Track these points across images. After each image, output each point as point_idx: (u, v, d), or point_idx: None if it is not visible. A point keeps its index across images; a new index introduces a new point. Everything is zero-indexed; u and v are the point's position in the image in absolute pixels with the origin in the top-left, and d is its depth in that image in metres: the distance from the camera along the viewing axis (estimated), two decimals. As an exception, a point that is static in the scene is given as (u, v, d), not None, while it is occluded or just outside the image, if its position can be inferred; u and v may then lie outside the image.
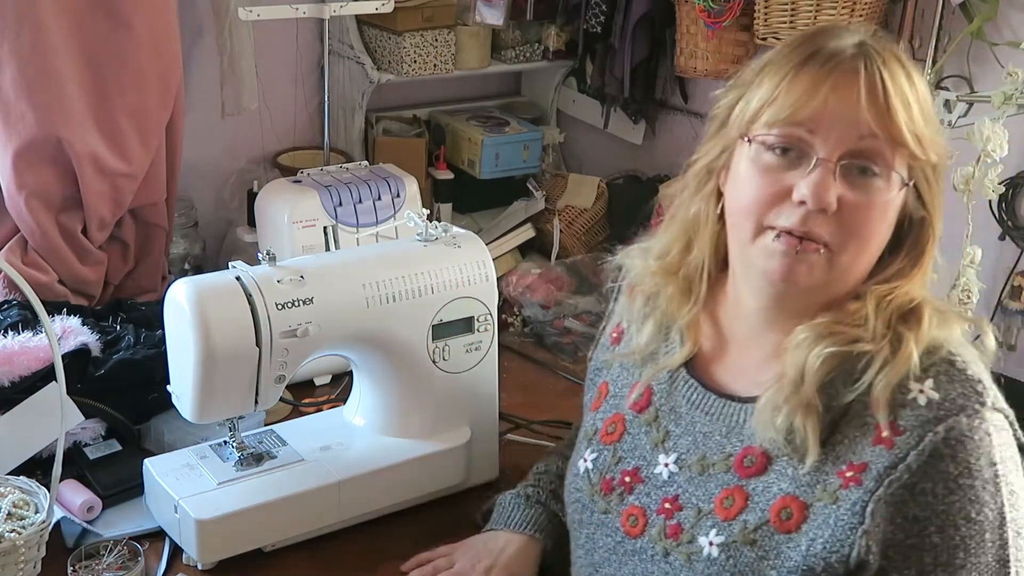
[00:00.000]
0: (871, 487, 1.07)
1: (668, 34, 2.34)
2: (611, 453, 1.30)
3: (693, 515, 1.18)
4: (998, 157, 1.67)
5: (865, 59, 1.10)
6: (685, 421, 1.23)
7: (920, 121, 1.10)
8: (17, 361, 1.58)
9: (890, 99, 1.09)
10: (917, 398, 1.08)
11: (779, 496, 1.13)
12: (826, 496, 1.10)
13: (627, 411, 1.30)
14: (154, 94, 1.94)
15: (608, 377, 1.36)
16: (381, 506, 1.55)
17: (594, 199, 2.45)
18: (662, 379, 1.27)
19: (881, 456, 1.07)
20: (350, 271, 1.50)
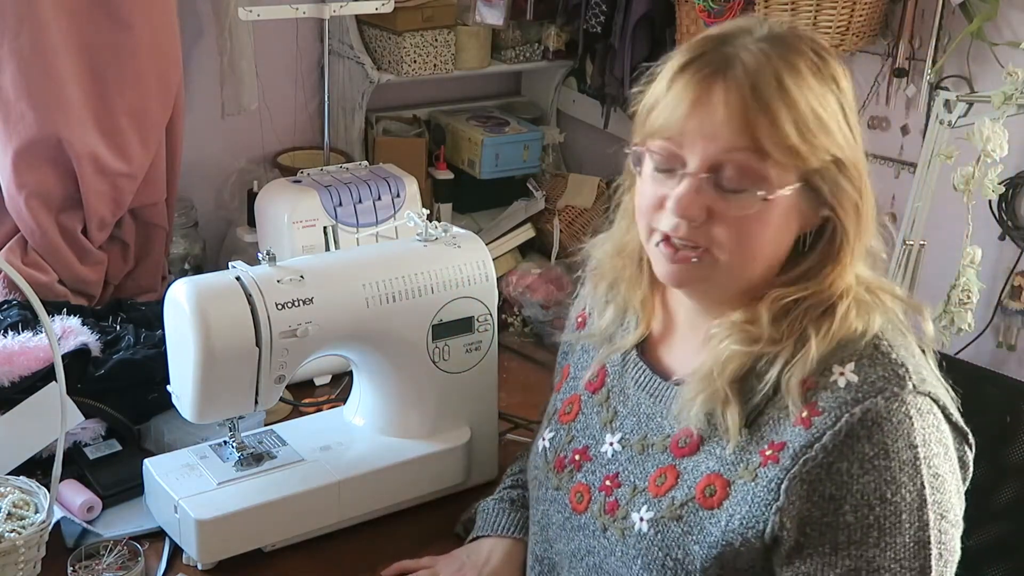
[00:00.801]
0: (787, 465, 1.09)
1: (668, 34, 2.34)
2: (566, 432, 1.34)
3: (629, 492, 1.22)
4: (998, 157, 1.67)
5: (726, 74, 1.09)
6: (632, 402, 1.27)
7: (788, 129, 1.08)
8: (17, 361, 1.58)
9: (749, 115, 1.08)
10: (837, 380, 1.10)
11: (706, 474, 1.16)
12: (747, 474, 1.12)
13: (583, 391, 1.34)
14: (154, 94, 1.94)
15: (571, 360, 1.40)
16: (381, 506, 1.56)
17: (594, 199, 2.45)
18: (616, 361, 1.31)
19: (799, 436, 1.09)
20: (350, 271, 1.50)
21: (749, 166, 1.09)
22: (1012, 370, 1.95)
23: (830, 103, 1.11)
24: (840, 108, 1.12)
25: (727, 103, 1.08)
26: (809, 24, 1.97)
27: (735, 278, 1.15)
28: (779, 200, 1.10)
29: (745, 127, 1.08)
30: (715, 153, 1.09)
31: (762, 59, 1.09)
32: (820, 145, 1.09)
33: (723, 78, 1.09)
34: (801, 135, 1.08)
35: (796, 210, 1.12)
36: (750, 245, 1.12)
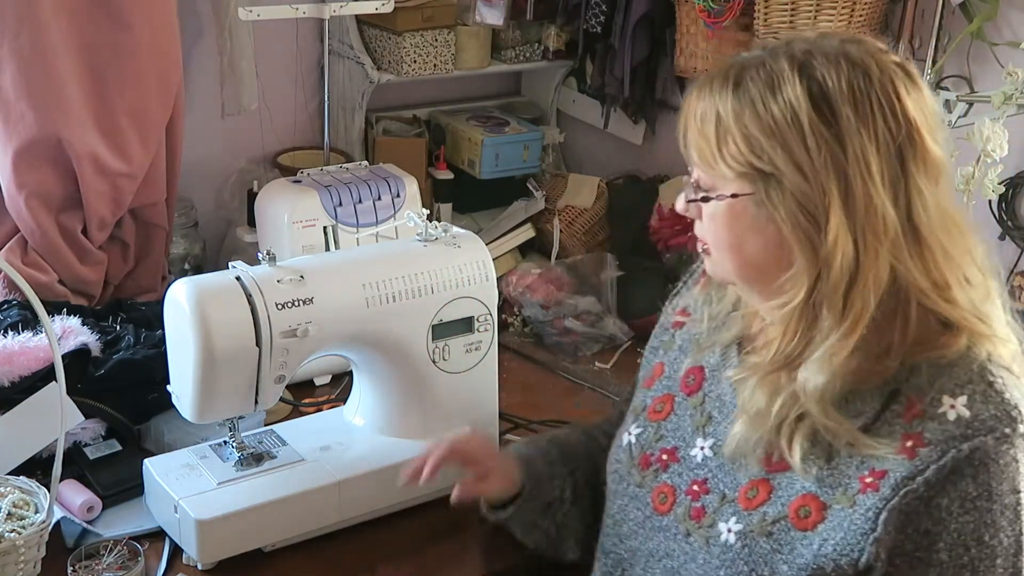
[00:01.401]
0: (887, 495, 1.07)
1: (668, 34, 2.34)
2: (654, 430, 1.32)
3: (717, 500, 1.20)
4: (998, 157, 1.67)
5: (701, 84, 1.16)
6: (728, 409, 1.25)
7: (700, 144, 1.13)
8: (17, 361, 1.58)
9: (688, 121, 1.15)
10: (947, 413, 1.07)
11: (800, 493, 1.13)
12: (845, 499, 1.10)
13: (678, 392, 1.32)
14: (154, 94, 1.94)
15: (665, 359, 1.38)
16: (381, 506, 1.55)
17: (594, 199, 2.45)
18: (714, 364, 1.29)
19: (901, 465, 1.07)
20: (350, 271, 1.50)
21: (697, 173, 1.17)
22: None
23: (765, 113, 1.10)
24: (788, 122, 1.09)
25: (686, 114, 1.19)
26: (809, 24, 1.97)
27: (738, 276, 1.19)
28: (729, 206, 1.14)
29: (684, 136, 1.18)
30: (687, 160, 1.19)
31: (734, 70, 1.15)
32: (728, 154, 1.12)
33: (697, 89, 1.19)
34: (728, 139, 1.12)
35: (753, 218, 1.13)
36: (722, 242, 1.17)
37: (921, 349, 1.11)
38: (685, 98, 1.17)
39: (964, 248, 1.13)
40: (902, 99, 1.09)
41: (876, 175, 1.07)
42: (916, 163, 1.09)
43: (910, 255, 1.09)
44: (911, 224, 1.09)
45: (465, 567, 1.51)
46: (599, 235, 2.45)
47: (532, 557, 1.53)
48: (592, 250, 2.39)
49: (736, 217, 1.14)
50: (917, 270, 1.09)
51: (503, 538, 1.57)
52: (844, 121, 1.07)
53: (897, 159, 1.08)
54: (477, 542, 1.56)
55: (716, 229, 1.17)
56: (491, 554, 1.55)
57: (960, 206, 1.50)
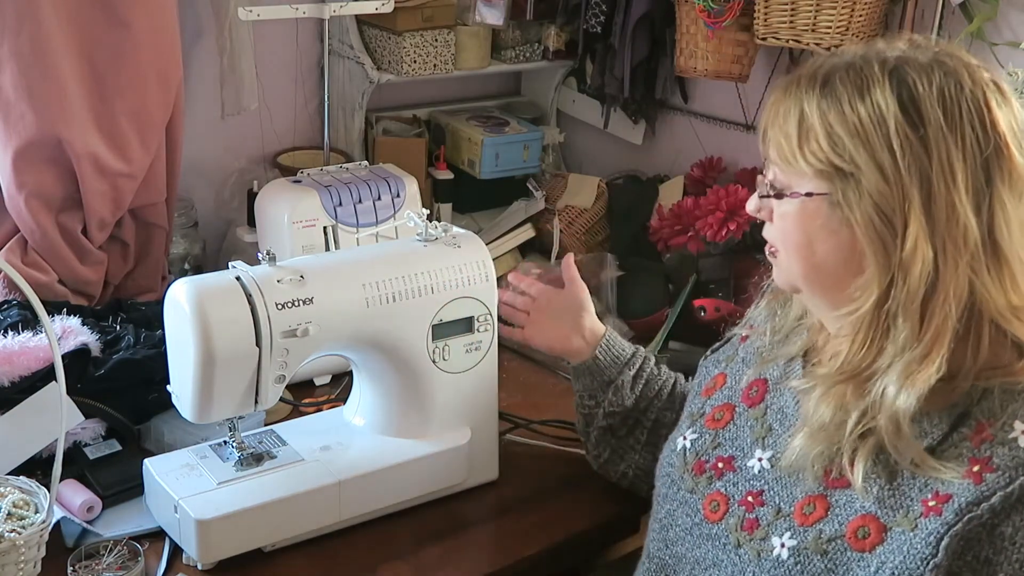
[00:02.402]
0: (950, 520, 1.05)
1: (668, 34, 2.34)
2: (711, 437, 1.31)
3: (772, 513, 1.19)
4: (998, 157, 1.67)
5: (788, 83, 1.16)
6: (790, 422, 1.23)
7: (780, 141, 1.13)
8: (17, 361, 1.58)
9: (770, 118, 1.15)
10: (1019, 439, 1.05)
11: (860, 513, 1.11)
12: (906, 522, 1.08)
13: (739, 403, 1.31)
14: (154, 94, 1.94)
15: (728, 370, 1.38)
16: (381, 506, 1.55)
17: (594, 199, 2.45)
18: (778, 376, 1.28)
19: (967, 490, 1.05)
20: (350, 271, 1.50)
21: (771, 174, 1.18)
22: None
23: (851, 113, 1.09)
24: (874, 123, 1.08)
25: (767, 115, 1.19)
26: (809, 24, 1.97)
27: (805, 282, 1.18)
28: (804, 207, 1.13)
29: (763, 137, 1.18)
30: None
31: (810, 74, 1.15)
32: (809, 151, 1.11)
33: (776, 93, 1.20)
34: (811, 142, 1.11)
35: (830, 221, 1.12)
36: (790, 244, 1.17)
37: (994, 373, 1.09)
38: (770, 97, 1.16)
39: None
40: (992, 111, 1.08)
41: (960, 184, 1.06)
42: (1002, 176, 1.08)
43: (988, 271, 1.07)
44: (992, 239, 1.08)
45: (465, 567, 1.51)
46: (599, 235, 2.45)
47: (532, 557, 1.53)
48: (592, 250, 2.39)
49: (809, 217, 1.13)
50: (995, 288, 1.07)
51: (503, 538, 1.57)
52: (932, 127, 1.06)
53: (983, 170, 1.07)
54: (477, 542, 1.57)
55: (787, 229, 1.16)
56: (491, 554, 1.56)
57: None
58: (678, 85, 2.47)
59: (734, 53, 2.18)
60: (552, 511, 1.61)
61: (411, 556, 1.50)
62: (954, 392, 1.09)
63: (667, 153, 2.56)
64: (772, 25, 2.03)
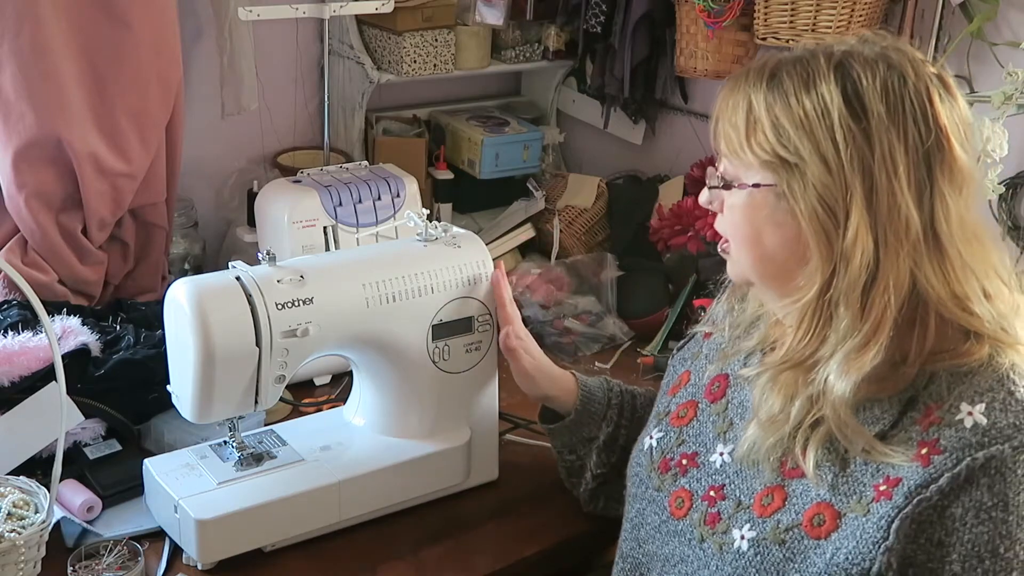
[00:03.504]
0: (900, 503, 1.05)
1: (668, 34, 2.34)
2: (676, 435, 1.32)
3: (732, 506, 1.20)
4: (998, 157, 1.67)
5: (736, 77, 1.18)
6: (749, 415, 1.24)
7: (729, 133, 1.16)
8: (17, 361, 1.58)
9: (720, 111, 1.18)
10: (964, 420, 1.06)
11: (815, 501, 1.12)
12: (859, 507, 1.09)
13: (702, 399, 1.33)
14: (154, 94, 1.94)
15: (692, 367, 1.39)
16: (381, 506, 1.55)
17: (594, 199, 2.45)
18: (737, 371, 1.29)
19: (916, 473, 1.06)
20: (350, 271, 1.50)
21: (718, 165, 1.21)
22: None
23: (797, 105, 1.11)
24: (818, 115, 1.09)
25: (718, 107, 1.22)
26: (809, 24, 1.97)
27: (757, 274, 1.20)
28: (748, 197, 1.16)
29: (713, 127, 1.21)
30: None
31: (766, 66, 1.17)
32: (756, 142, 1.14)
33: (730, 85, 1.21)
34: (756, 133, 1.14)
35: (772, 211, 1.15)
36: (738, 235, 1.20)
37: (940, 357, 1.10)
38: (720, 91, 1.18)
39: (985, 261, 1.12)
40: (935, 105, 1.10)
41: (902, 176, 1.08)
42: (943, 170, 1.09)
43: (930, 262, 1.09)
44: (933, 231, 1.09)
45: (465, 567, 1.51)
46: (599, 235, 2.45)
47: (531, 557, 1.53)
48: (592, 250, 2.39)
49: (756, 208, 1.15)
50: (936, 278, 1.09)
51: (503, 538, 1.57)
52: (875, 119, 1.08)
53: (925, 163, 1.09)
54: (477, 542, 1.56)
55: (736, 220, 1.19)
56: (491, 554, 1.55)
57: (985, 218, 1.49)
58: (678, 85, 2.47)
59: (734, 53, 2.18)
60: (552, 511, 1.61)
61: (411, 556, 1.50)
62: (903, 378, 1.10)
63: (667, 153, 2.56)
64: (772, 25, 2.03)
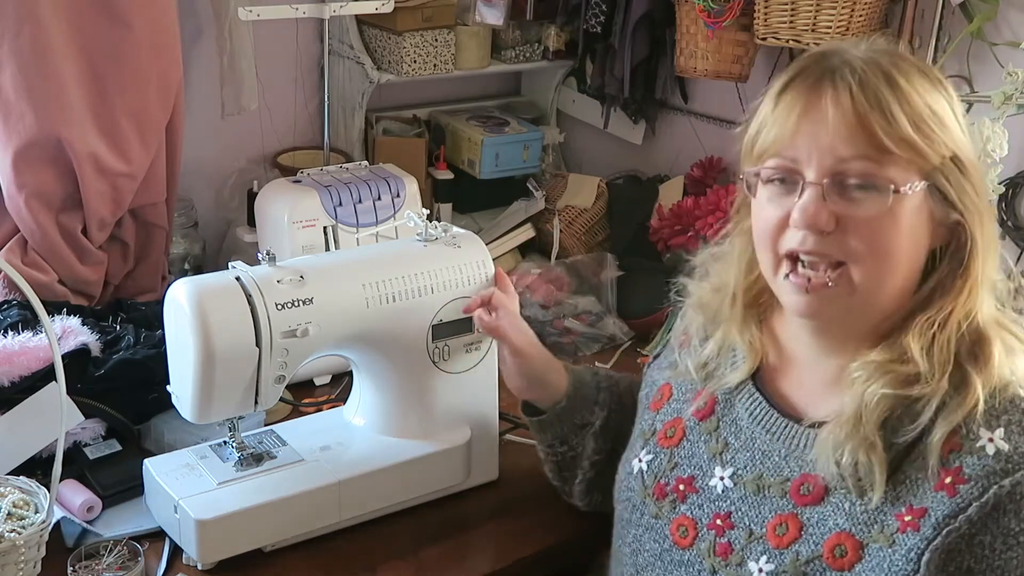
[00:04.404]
0: (929, 535, 1.05)
1: (668, 34, 2.34)
2: (667, 457, 1.29)
3: (744, 536, 1.17)
4: (998, 157, 1.67)
5: (834, 77, 1.09)
6: (745, 435, 1.22)
7: (904, 124, 1.06)
8: (17, 361, 1.58)
9: (861, 111, 1.07)
10: (986, 447, 1.05)
11: (835, 531, 1.10)
12: (882, 538, 1.07)
13: (689, 417, 1.29)
14: (154, 94, 1.94)
15: (672, 380, 1.35)
16: (381, 506, 1.55)
17: (594, 199, 2.45)
18: (726, 388, 1.26)
19: (942, 503, 1.05)
20: (350, 271, 1.50)
21: (870, 164, 1.07)
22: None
23: (941, 101, 1.10)
24: (951, 109, 1.10)
25: (837, 104, 1.08)
26: (809, 24, 1.97)
27: (872, 298, 1.12)
28: (907, 200, 1.08)
29: (859, 124, 1.07)
30: (833, 157, 1.08)
31: (869, 61, 1.10)
32: (938, 139, 1.08)
33: (831, 82, 1.09)
34: (917, 128, 1.07)
35: (926, 215, 1.10)
36: (886, 251, 1.09)
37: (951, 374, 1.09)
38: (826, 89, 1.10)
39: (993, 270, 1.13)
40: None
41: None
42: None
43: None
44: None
45: (465, 567, 1.51)
46: (599, 235, 2.45)
47: (531, 557, 1.53)
48: (592, 250, 2.39)
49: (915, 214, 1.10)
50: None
51: (503, 538, 1.57)
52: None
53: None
54: (477, 542, 1.57)
55: (882, 230, 1.09)
56: (491, 554, 1.56)
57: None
58: (678, 85, 2.47)
59: (734, 53, 2.18)
60: (552, 511, 1.61)
61: (411, 556, 1.50)
62: (916, 400, 1.10)
63: (667, 153, 2.56)
64: (772, 25, 2.03)
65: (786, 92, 1.12)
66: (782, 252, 1.13)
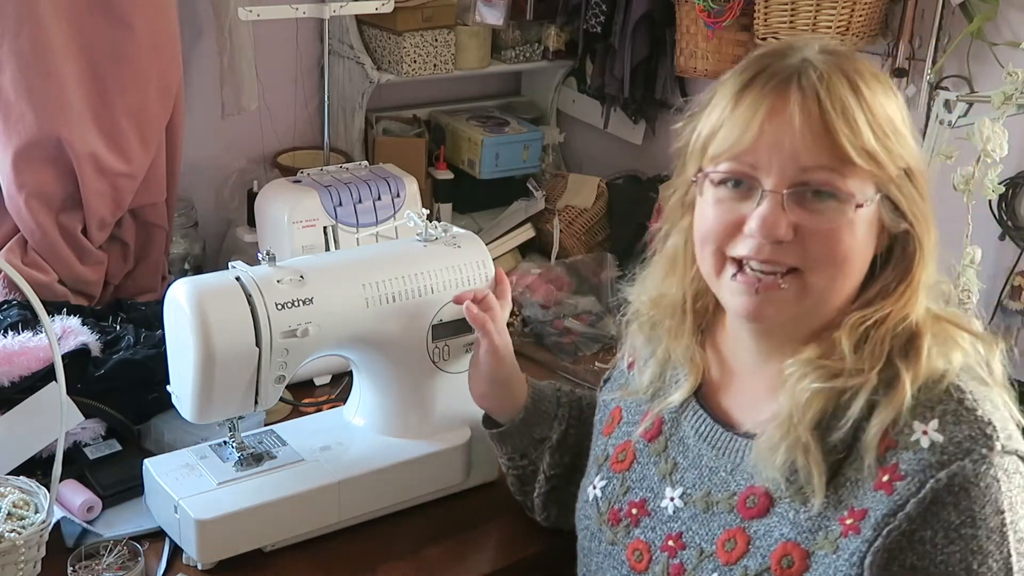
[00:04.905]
0: (869, 537, 1.03)
1: (668, 34, 2.34)
2: (620, 482, 1.28)
3: (695, 556, 1.16)
4: (998, 157, 1.67)
5: (799, 80, 1.05)
6: (692, 453, 1.21)
7: (868, 135, 1.04)
8: (17, 361, 1.58)
9: (828, 120, 1.04)
10: (920, 440, 1.03)
11: (780, 542, 1.09)
12: (827, 544, 1.06)
13: (637, 439, 1.28)
14: (154, 94, 1.94)
15: (622, 403, 1.34)
16: (381, 506, 1.55)
17: (594, 199, 2.45)
18: (672, 407, 1.25)
19: (880, 502, 1.03)
20: (350, 271, 1.50)
21: (833, 175, 1.05)
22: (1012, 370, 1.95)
23: (896, 109, 1.08)
24: (903, 117, 1.09)
25: (805, 110, 1.04)
26: (809, 24, 1.97)
27: (822, 304, 1.10)
28: (863, 211, 1.06)
29: (825, 133, 1.04)
30: (796, 166, 1.05)
31: (830, 63, 1.06)
32: (896, 151, 1.06)
33: (797, 85, 1.05)
34: (879, 139, 1.05)
35: (877, 223, 1.09)
36: (843, 260, 1.08)
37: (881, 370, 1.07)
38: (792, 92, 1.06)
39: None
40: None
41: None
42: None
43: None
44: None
45: (465, 567, 1.51)
46: (599, 235, 2.45)
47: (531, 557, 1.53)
48: (592, 250, 2.39)
49: (868, 225, 1.09)
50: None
51: (503, 538, 1.57)
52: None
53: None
54: (477, 542, 1.57)
55: (842, 240, 1.07)
56: (491, 554, 1.56)
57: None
58: (678, 85, 2.47)
59: (734, 53, 2.18)
60: (552, 511, 1.61)
61: (411, 556, 1.50)
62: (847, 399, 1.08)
63: (667, 153, 2.53)
64: (772, 25, 2.03)
65: (746, 92, 1.08)
66: (730, 255, 1.11)
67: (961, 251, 1.75)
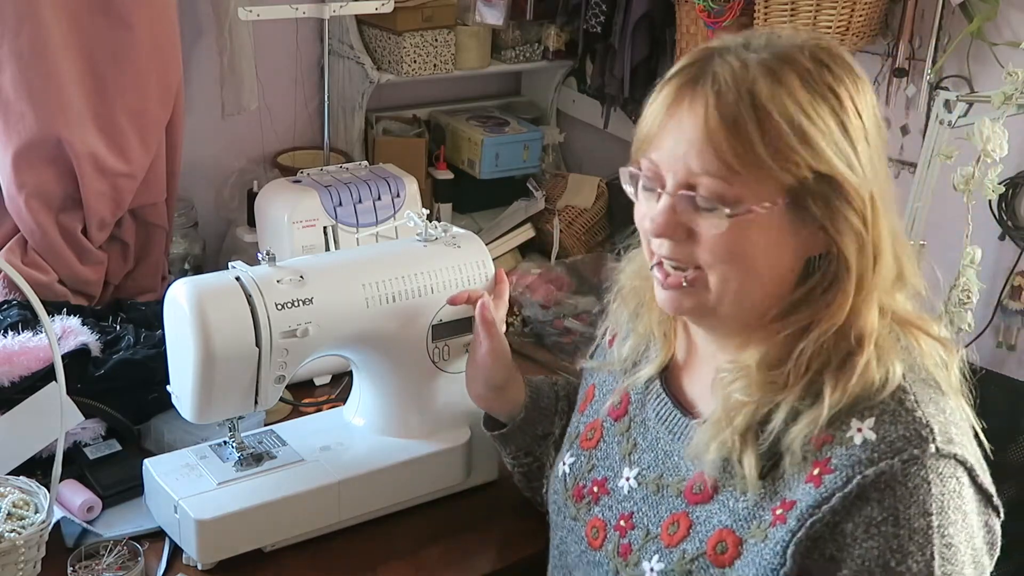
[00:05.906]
0: (793, 527, 1.04)
1: (668, 34, 2.34)
2: (587, 459, 1.30)
3: (642, 537, 1.18)
4: (998, 157, 1.67)
5: (698, 83, 1.05)
6: (651, 436, 1.22)
7: (756, 145, 1.02)
8: (17, 361, 1.58)
9: (712, 128, 1.03)
10: (854, 437, 1.03)
11: (717, 528, 1.10)
12: (759, 533, 1.07)
13: (605, 417, 1.30)
14: (154, 94, 1.94)
15: (596, 380, 1.36)
16: (381, 506, 1.55)
17: (594, 199, 2.45)
18: (639, 388, 1.26)
19: (808, 494, 1.04)
20: (350, 271, 1.50)
21: (719, 182, 1.04)
22: (1012, 370, 1.95)
23: (821, 116, 1.03)
24: (838, 124, 1.04)
25: (693, 114, 1.04)
26: (809, 24, 1.97)
27: (737, 303, 1.10)
28: (759, 217, 1.04)
29: (708, 141, 1.03)
30: (685, 169, 1.06)
31: (740, 71, 1.04)
32: (797, 158, 1.02)
33: (691, 92, 1.05)
34: (771, 147, 1.02)
35: (789, 229, 1.06)
36: (739, 262, 1.07)
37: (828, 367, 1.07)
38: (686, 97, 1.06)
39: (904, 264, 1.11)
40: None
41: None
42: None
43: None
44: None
45: (465, 567, 1.51)
46: (599, 235, 2.45)
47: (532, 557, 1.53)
48: (592, 250, 2.39)
49: (774, 228, 1.07)
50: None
51: (503, 538, 1.57)
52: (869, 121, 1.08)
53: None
54: (477, 542, 1.57)
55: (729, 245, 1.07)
56: (491, 554, 1.56)
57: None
58: (678, 85, 2.47)
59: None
60: (552, 511, 1.61)
61: (411, 556, 1.50)
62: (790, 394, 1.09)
63: (667, 153, 2.56)
64: (772, 25, 2.03)
65: (666, 86, 1.09)
66: (651, 250, 1.14)
67: (961, 251, 1.76)
